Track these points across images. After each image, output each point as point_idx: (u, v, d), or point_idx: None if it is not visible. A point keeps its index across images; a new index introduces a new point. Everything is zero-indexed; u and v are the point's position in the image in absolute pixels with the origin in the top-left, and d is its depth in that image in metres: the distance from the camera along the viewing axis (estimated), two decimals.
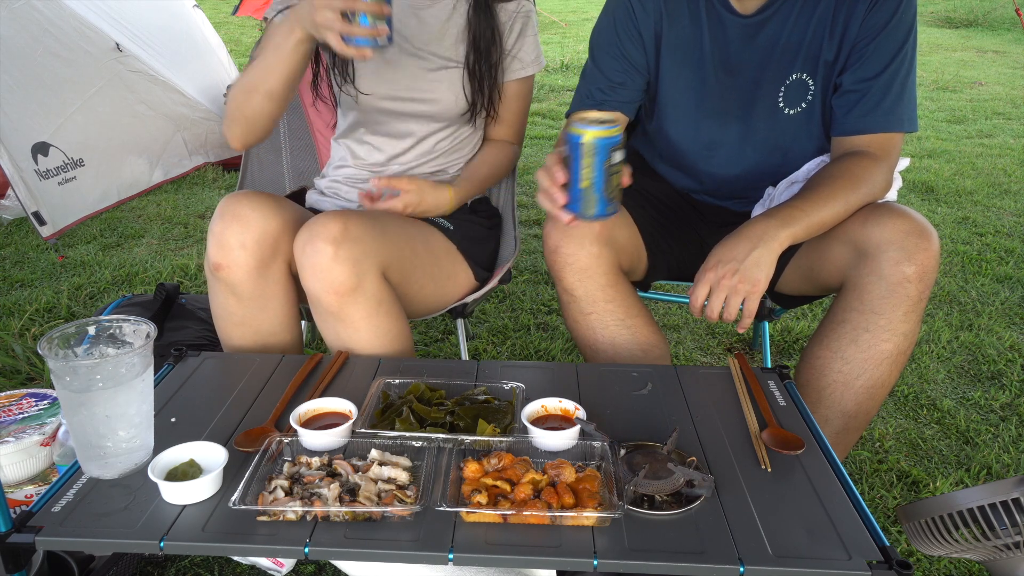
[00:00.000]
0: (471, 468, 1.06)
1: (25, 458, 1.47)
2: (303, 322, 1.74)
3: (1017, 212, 3.62)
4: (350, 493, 1.03)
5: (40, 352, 1.04)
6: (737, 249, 1.33)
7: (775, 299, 1.70)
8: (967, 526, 1.08)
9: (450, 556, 0.95)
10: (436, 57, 1.66)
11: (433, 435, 1.14)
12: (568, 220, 1.25)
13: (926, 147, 4.77)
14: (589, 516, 0.99)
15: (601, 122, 1.18)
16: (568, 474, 1.04)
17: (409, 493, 1.04)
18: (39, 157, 3.16)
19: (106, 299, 2.65)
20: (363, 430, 1.17)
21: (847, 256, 1.40)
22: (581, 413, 1.19)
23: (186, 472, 1.06)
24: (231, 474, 1.08)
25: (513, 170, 1.88)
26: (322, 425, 1.17)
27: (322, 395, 1.27)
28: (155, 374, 1.30)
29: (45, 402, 1.60)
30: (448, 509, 1.00)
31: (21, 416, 1.54)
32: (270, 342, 1.53)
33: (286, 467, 1.09)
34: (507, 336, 2.43)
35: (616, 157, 1.19)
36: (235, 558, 1.47)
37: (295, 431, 1.14)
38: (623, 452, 1.13)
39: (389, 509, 1.00)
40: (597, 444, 1.12)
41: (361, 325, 1.41)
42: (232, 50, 5.68)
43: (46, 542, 0.99)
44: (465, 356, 1.89)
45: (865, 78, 1.45)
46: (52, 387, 1.68)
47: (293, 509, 1.00)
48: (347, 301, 1.38)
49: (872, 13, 1.43)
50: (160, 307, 1.94)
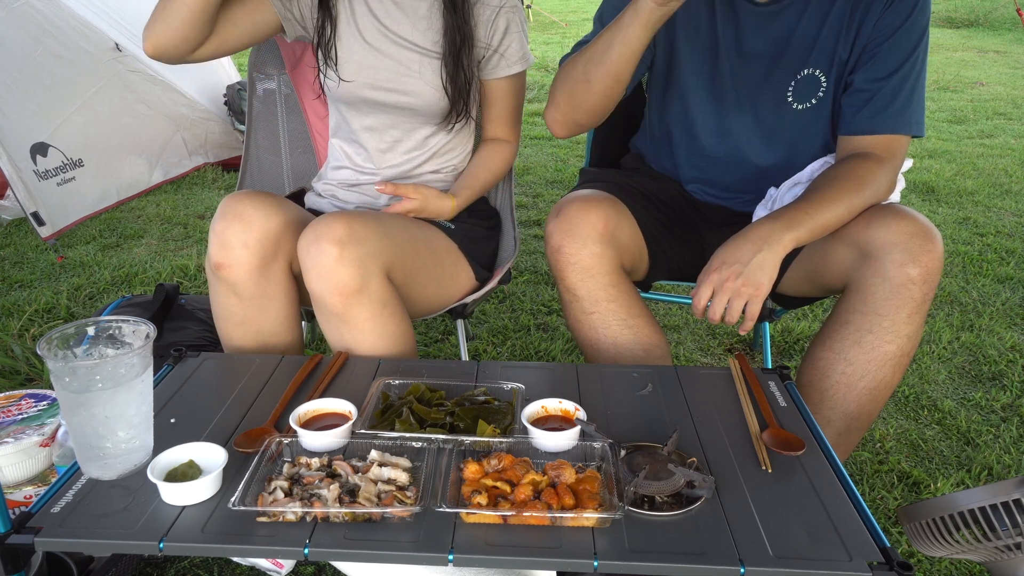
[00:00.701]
0: (471, 469, 1.06)
1: (24, 459, 1.47)
2: (303, 322, 1.74)
3: (1018, 212, 3.62)
4: (350, 494, 1.03)
5: (39, 353, 1.04)
6: (741, 251, 1.33)
7: (777, 300, 1.70)
8: (968, 527, 1.08)
9: (450, 557, 0.95)
10: (415, 46, 1.64)
11: (433, 436, 1.14)
12: None
13: (927, 147, 4.77)
14: (589, 517, 0.99)
15: None
16: (568, 475, 1.04)
17: (409, 494, 1.04)
18: (38, 157, 3.16)
19: (105, 300, 2.65)
20: (363, 431, 1.17)
21: (851, 257, 1.40)
22: (581, 414, 1.19)
23: (185, 473, 1.06)
24: (230, 475, 1.08)
25: (511, 170, 1.87)
26: (322, 426, 1.17)
27: (322, 396, 1.27)
28: (154, 375, 1.31)
29: (44, 403, 1.60)
30: (448, 510, 1.00)
31: (20, 417, 1.54)
32: (271, 342, 1.53)
33: (286, 468, 1.09)
34: (507, 337, 2.43)
35: None
36: (235, 559, 1.47)
37: (295, 432, 1.14)
38: (623, 453, 1.14)
39: (389, 510, 1.00)
40: (597, 445, 1.12)
41: (366, 327, 1.41)
42: None
43: (45, 543, 0.99)
44: (465, 357, 1.89)
45: (876, 78, 1.45)
46: (51, 388, 1.69)
47: (293, 510, 1.00)
48: (352, 302, 1.38)
49: (888, 13, 1.43)
50: (159, 308, 1.94)
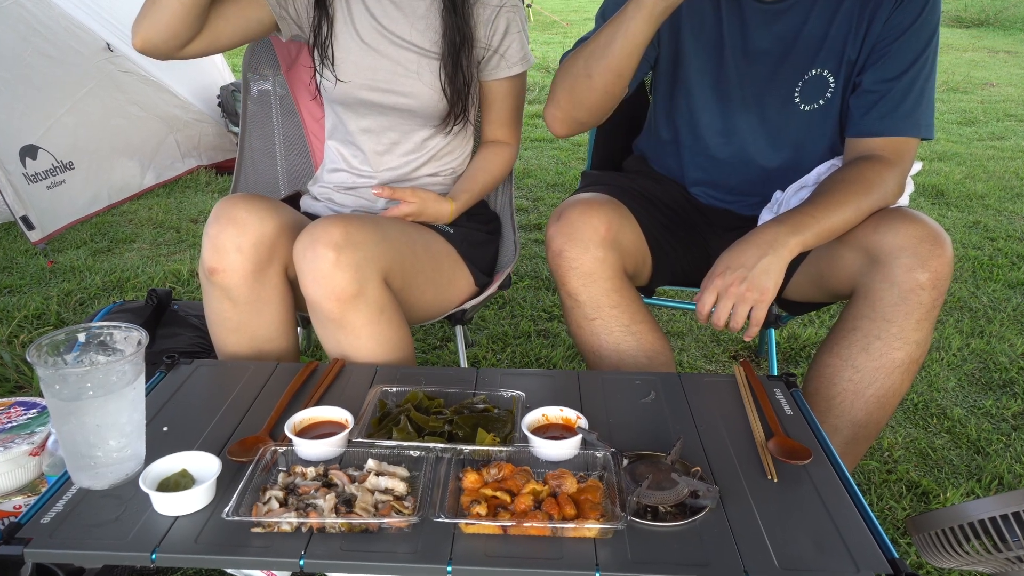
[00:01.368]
0: (470, 478, 1.06)
1: (14, 468, 1.46)
2: (299, 329, 1.74)
3: None
4: (346, 504, 1.03)
5: (29, 360, 1.04)
6: (746, 256, 1.33)
7: (782, 305, 1.70)
8: (978, 538, 1.08)
9: (448, 569, 0.95)
10: (413, 47, 1.65)
11: (431, 445, 1.14)
12: None
13: (936, 150, 4.78)
14: (591, 528, 0.99)
15: None
16: (569, 484, 1.04)
17: (407, 504, 1.04)
18: (27, 160, 3.16)
19: (96, 305, 2.65)
20: (360, 439, 1.17)
21: (858, 262, 1.40)
22: (583, 422, 1.19)
23: (178, 483, 1.06)
24: (224, 485, 1.08)
25: (511, 173, 1.88)
26: (318, 434, 1.17)
27: (318, 403, 1.27)
28: (147, 382, 1.31)
29: (34, 411, 1.60)
30: (447, 520, 1.00)
31: (9, 425, 1.54)
32: (266, 348, 1.53)
33: (281, 477, 1.09)
34: (507, 343, 2.44)
35: None
36: (228, 571, 1.47)
37: (290, 440, 1.15)
38: (626, 462, 1.14)
39: (386, 520, 1.00)
40: (599, 454, 1.12)
41: (363, 333, 1.41)
42: None
43: (35, 554, 0.99)
44: (464, 364, 1.89)
45: (885, 79, 1.45)
46: (41, 395, 1.68)
47: (288, 520, 1.00)
48: (349, 308, 1.38)
49: (898, 11, 1.43)
50: (152, 314, 1.95)
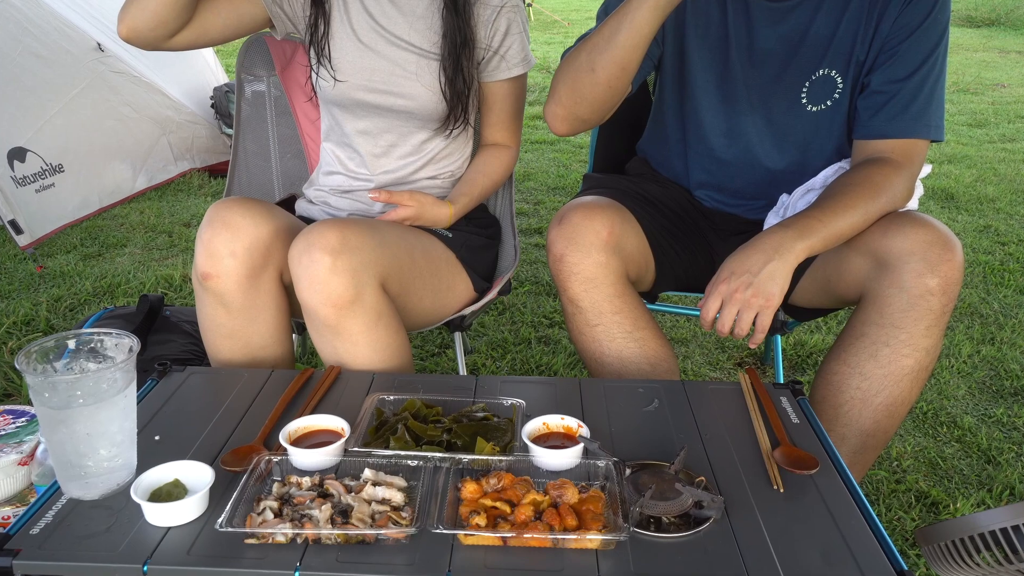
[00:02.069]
0: (469, 488, 1.06)
1: (2, 478, 1.47)
2: (294, 335, 1.74)
3: None
4: (342, 515, 1.03)
5: (17, 367, 1.05)
6: (751, 261, 1.33)
7: (788, 311, 1.70)
8: (989, 549, 1.08)
9: None
10: (412, 47, 1.65)
11: (429, 454, 1.15)
12: None
13: (946, 152, 4.79)
14: (593, 539, 0.99)
15: None
16: (571, 495, 1.05)
17: (404, 515, 1.04)
18: (15, 163, 3.17)
19: (87, 311, 2.66)
20: (356, 449, 1.17)
21: (866, 267, 1.40)
22: (584, 431, 1.20)
23: (171, 493, 1.06)
24: (218, 495, 1.08)
25: (511, 176, 1.88)
26: (313, 443, 1.17)
27: (313, 412, 1.27)
28: (138, 390, 1.31)
29: (23, 419, 1.60)
30: (445, 531, 1.00)
31: None
32: (260, 355, 1.54)
33: (275, 487, 1.09)
34: (507, 350, 2.44)
35: None
36: None
37: (285, 450, 1.15)
38: (628, 472, 1.14)
39: (383, 531, 1.00)
40: (601, 463, 1.12)
41: (360, 339, 1.42)
42: (219, 50, 5.70)
43: (24, 566, 0.99)
44: (463, 371, 1.90)
45: (894, 79, 1.45)
46: (30, 404, 1.69)
47: (283, 531, 1.00)
48: (345, 314, 1.38)
49: (907, 11, 1.43)
50: (143, 320, 1.95)
